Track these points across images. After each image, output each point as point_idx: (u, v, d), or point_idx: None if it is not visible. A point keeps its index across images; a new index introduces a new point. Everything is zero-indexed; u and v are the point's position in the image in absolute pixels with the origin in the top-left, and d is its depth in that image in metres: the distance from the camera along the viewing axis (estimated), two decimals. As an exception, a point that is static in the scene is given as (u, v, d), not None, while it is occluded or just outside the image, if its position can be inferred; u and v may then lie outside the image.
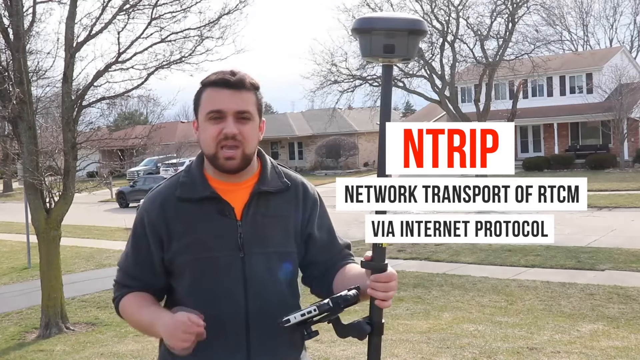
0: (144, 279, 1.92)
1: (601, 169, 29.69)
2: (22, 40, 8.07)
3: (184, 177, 1.92)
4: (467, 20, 24.77)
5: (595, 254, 11.13)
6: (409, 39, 1.65)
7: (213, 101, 1.83)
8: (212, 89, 1.85)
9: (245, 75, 1.85)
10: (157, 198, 1.92)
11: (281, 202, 1.94)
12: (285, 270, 1.93)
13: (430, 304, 8.46)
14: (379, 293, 1.72)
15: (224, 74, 1.85)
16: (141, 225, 1.91)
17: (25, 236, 14.36)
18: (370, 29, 1.65)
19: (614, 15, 54.92)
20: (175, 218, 1.86)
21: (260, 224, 1.89)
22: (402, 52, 1.65)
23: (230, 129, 1.81)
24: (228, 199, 1.87)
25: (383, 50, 1.65)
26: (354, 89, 25.55)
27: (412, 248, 12.97)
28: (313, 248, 1.98)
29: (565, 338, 6.42)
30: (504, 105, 28.27)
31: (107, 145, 11.52)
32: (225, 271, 1.84)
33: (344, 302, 1.73)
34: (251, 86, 1.86)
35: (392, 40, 1.63)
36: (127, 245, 1.96)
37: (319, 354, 5.94)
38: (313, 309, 1.70)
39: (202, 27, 9.08)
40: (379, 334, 1.74)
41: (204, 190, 1.87)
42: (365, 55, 1.69)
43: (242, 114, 1.83)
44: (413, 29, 1.66)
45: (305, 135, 44.05)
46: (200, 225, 1.86)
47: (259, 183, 1.91)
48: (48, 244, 8.48)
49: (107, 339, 7.81)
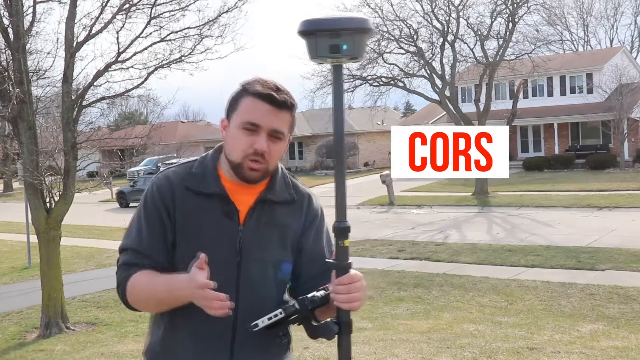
0: (156, 257, 1.86)
1: (601, 169, 29.68)
2: (22, 40, 8.07)
3: (197, 167, 1.91)
4: (467, 20, 24.77)
5: (595, 254, 11.12)
6: (354, 38, 1.64)
7: (252, 113, 1.81)
8: (255, 99, 1.82)
9: (288, 95, 1.85)
10: (169, 180, 1.90)
11: (285, 212, 1.93)
12: (284, 271, 1.92)
13: (431, 304, 8.45)
14: (341, 296, 1.68)
15: (269, 88, 1.82)
16: (152, 199, 1.88)
17: (25, 236, 14.36)
18: (315, 30, 1.64)
19: (614, 15, 54.88)
20: (182, 206, 1.86)
21: (261, 231, 1.88)
22: (349, 51, 1.64)
23: (261, 146, 1.80)
24: (235, 200, 1.87)
25: (329, 51, 1.64)
26: (354, 89, 25.55)
27: (412, 248, 12.97)
28: (302, 260, 1.96)
29: (565, 338, 6.42)
30: (504, 105, 28.24)
31: (107, 145, 11.53)
32: (219, 272, 1.80)
33: (311, 304, 1.71)
34: (291, 106, 1.86)
35: (337, 40, 1.63)
36: (136, 223, 1.91)
37: (319, 354, 5.94)
38: (279, 311, 1.69)
39: (201, 26, 9.07)
40: (347, 332, 1.73)
41: (215, 187, 1.87)
42: (312, 57, 1.67)
43: (276, 133, 1.83)
44: (358, 27, 1.64)
45: (305, 135, 44.04)
46: (203, 222, 1.85)
47: (266, 190, 1.91)
48: (48, 244, 8.47)
49: (107, 338, 7.81)
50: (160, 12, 8.79)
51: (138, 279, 1.84)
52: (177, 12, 8.86)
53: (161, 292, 1.80)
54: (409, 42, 24.55)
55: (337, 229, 1.69)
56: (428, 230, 15.93)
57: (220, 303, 1.65)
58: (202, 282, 1.65)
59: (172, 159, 35.95)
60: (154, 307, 1.89)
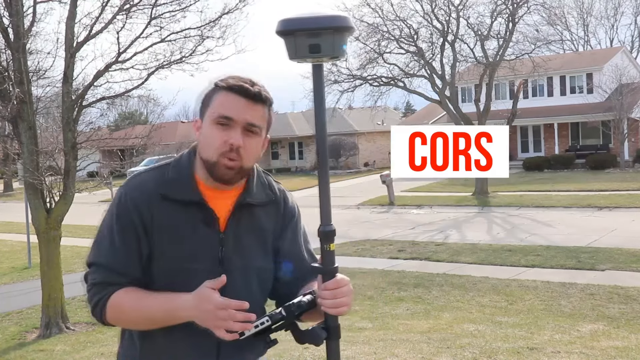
0: (134, 274, 1.75)
1: (601, 169, 29.68)
2: (22, 40, 8.07)
3: (172, 172, 1.81)
4: (467, 20, 24.78)
5: (595, 254, 11.12)
6: (334, 37, 1.59)
7: (226, 107, 1.74)
8: (228, 93, 1.75)
9: (263, 88, 1.79)
10: (142, 186, 1.79)
11: (263, 214, 1.87)
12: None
13: (431, 304, 8.45)
14: (327, 301, 1.64)
15: (243, 81, 1.76)
16: (126, 210, 1.75)
17: (25, 236, 14.37)
18: (294, 30, 1.59)
19: (614, 15, 54.92)
20: (158, 215, 1.75)
21: (242, 238, 1.82)
22: (328, 51, 1.59)
23: (236, 140, 1.73)
24: (213, 206, 1.78)
25: (309, 51, 1.59)
26: (354, 88, 25.56)
27: (412, 248, 12.97)
28: (279, 262, 1.91)
29: (565, 338, 6.42)
30: (504, 105, 28.25)
31: (107, 145, 11.51)
32: (201, 283, 1.71)
33: (298, 309, 1.67)
34: (267, 100, 1.79)
35: (317, 39, 1.58)
36: (107, 235, 1.77)
37: (319, 354, 5.94)
38: (266, 319, 1.65)
39: (202, 27, 9.08)
40: (335, 338, 1.69)
41: (192, 195, 1.77)
42: (291, 57, 1.62)
43: (251, 127, 1.75)
44: (338, 26, 1.59)
45: (305, 135, 44.03)
46: (182, 232, 1.76)
47: (245, 193, 1.83)
48: (48, 244, 8.48)
49: (107, 338, 7.81)
50: (161, 12, 8.80)
51: (123, 299, 1.74)
52: (178, 12, 8.88)
53: (157, 312, 1.71)
54: (409, 42, 24.55)
55: (322, 233, 1.64)
56: (428, 230, 15.93)
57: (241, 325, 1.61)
58: (222, 302, 1.61)
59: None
60: (144, 326, 1.78)
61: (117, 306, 1.74)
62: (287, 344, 5.64)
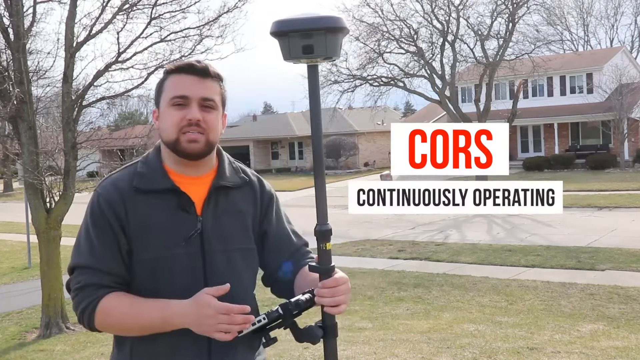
0: (118, 273, 1.75)
1: (601, 169, 29.69)
2: (22, 40, 8.07)
3: (141, 167, 1.83)
4: (467, 20, 24.80)
5: (595, 254, 11.12)
6: (327, 38, 1.61)
7: (177, 87, 1.78)
8: (177, 75, 1.80)
9: (210, 64, 1.83)
10: (114, 185, 1.80)
11: (240, 197, 1.88)
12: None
13: (431, 304, 8.45)
14: (325, 299, 1.65)
15: (189, 61, 1.82)
16: (100, 210, 1.76)
17: (25, 236, 14.36)
18: (287, 31, 1.61)
19: (615, 15, 54.95)
20: (133, 209, 1.76)
21: (221, 220, 1.82)
22: (321, 51, 1.61)
23: (194, 115, 1.75)
24: (188, 192, 1.80)
25: (302, 52, 1.61)
26: (354, 89, 25.57)
27: (412, 248, 12.97)
28: (269, 245, 1.92)
29: (565, 338, 6.42)
30: (504, 105, 28.26)
31: (107, 145, 11.53)
32: (184, 270, 1.75)
33: (296, 308, 1.67)
34: (216, 75, 1.83)
35: (309, 40, 1.60)
36: (84, 239, 1.78)
37: (319, 354, 5.93)
38: (262, 317, 1.66)
39: (201, 26, 9.08)
40: (333, 336, 1.70)
41: (164, 183, 1.79)
42: (285, 58, 1.65)
43: (206, 102, 1.79)
44: (330, 27, 1.61)
45: (305, 135, 44.01)
46: (158, 220, 1.76)
47: (217, 178, 1.85)
48: (48, 244, 8.47)
49: (108, 338, 7.80)
50: (161, 12, 8.80)
51: (113, 304, 1.72)
52: (178, 12, 8.88)
53: (151, 319, 1.70)
54: (409, 42, 24.56)
55: (319, 232, 1.65)
56: (428, 230, 15.93)
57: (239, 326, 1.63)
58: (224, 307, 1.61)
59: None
60: (135, 333, 1.75)
61: (107, 312, 1.72)
62: (287, 344, 5.64)
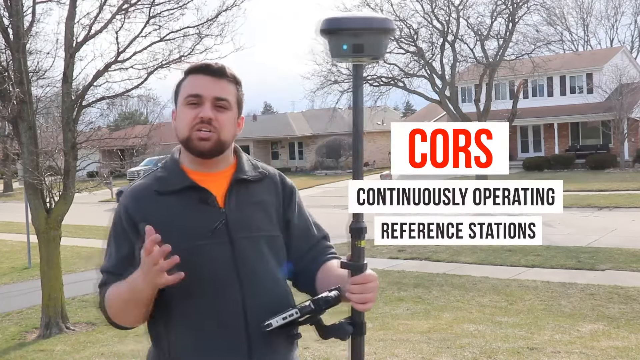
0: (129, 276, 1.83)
1: (601, 169, 29.68)
2: (22, 40, 8.07)
3: (160, 172, 1.90)
4: (467, 20, 24.78)
5: (595, 254, 11.12)
6: (377, 38, 1.65)
7: (193, 86, 1.83)
8: (193, 75, 1.85)
9: (228, 67, 1.85)
10: (134, 193, 1.88)
11: (260, 189, 1.92)
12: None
13: (431, 304, 8.45)
14: (355, 296, 1.67)
15: (207, 62, 1.87)
16: (119, 221, 1.86)
17: (25, 236, 14.35)
18: (339, 29, 1.64)
19: (614, 15, 54.93)
20: (155, 211, 1.81)
21: (244, 210, 1.86)
22: (371, 51, 1.65)
23: (206, 113, 1.79)
24: (207, 187, 1.84)
25: (352, 50, 1.64)
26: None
27: (412, 248, 12.96)
28: (292, 236, 1.95)
29: (565, 338, 6.42)
30: (504, 105, 28.25)
31: (107, 145, 11.52)
32: (214, 260, 1.79)
33: (325, 304, 1.70)
34: (232, 77, 1.86)
35: (360, 39, 1.63)
36: (108, 247, 1.90)
37: (319, 354, 5.94)
38: (295, 311, 1.68)
39: (200, 25, 9.08)
40: (360, 334, 1.72)
41: (183, 181, 1.84)
42: (334, 55, 1.68)
43: (220, 101, 1.82)
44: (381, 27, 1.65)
45: (305, 135, 44.05)
46: (181, 215, 1.80)
47: (237, 172, 1.90)
48: (48, 244, 8.47)
49: (108, 338, 7.81)
50: (159, 11, 8.80)
51: (109, 292, 1.82)
52: (176, 10, 8.87)
53: (125, 292, 1.75)
54: (409, 42, 24.55)
55: (354, 229, 1.69)
56: (428, 230, 15.92)
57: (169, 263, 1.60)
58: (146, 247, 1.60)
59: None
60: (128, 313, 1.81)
61: (107, 300, 1.83)
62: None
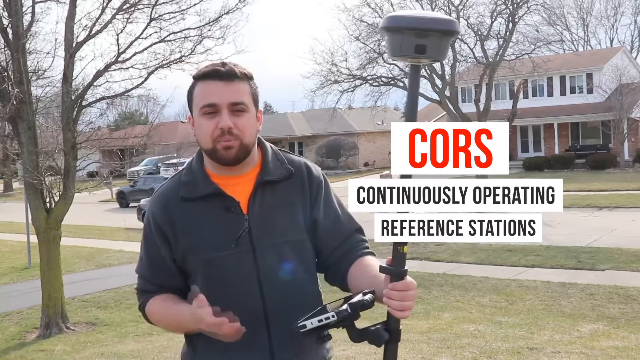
0: (161, 282, 1.91)
1: (601, 169, 29.68)
2: (21, 40, 8.06)
3: (185, 176, 1.88)
4: (467, 20, 24.77)
5: (595, 254, 11.12)
6: (441, 40, 1.59)
7: (205, 95, 1.78)
8: (204, 81, 1.80)
9: (236, 65, 1.81)
10: (160, 199, 1.89)
11: (286, 189, 1.88)
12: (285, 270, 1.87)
13: (431, 304, 8.45)
14: (394, 302, 1.65)
15: (214, 65, 1.81)
16: (148, 227, 1.89)
17: (25, 236, 14.36)
18: (402, 28, 1.57)
19: (614, 15, 54.89)
20: (180, 218, 1.83)
21: (268, 214, 1.83)
22: (433, 53, 1.59)
23: (225, 123, 1.76)
24: (232, 193, 1.82)
25: (414, 51, 1.58)
26: (354, 89, 25.57)
27: (412, 248, 12.96)
28: (321, 232, 1.90)
29: (565, 338, 6.41)
30: (504, 105, 28.25)
31: (107, 145, 11.50)
32: (236, 269, 1.79)
33: (362, 308, 1.68)
34: (243, 76, 1.81)
35: (424, 40, 1.57)
36: (141, 249, 1.95)
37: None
38: (331, 314, 1.63)
39: (201, 27, 9.08)
40: (396, 341, 1.69)
41: (207, 187, 1.83)
42: (394, 54, 1.61)
43: (236, 106, 1.78)
44: (447, 29, 1.59)
45: (305, 135, 44.06)
46: (206, 224, 1.81)
47: (262, 173, 1.86)
48: (48, 244, 8.47)
49: (108, 338, 7.81)
50: (161, 13, 8.80)
51: (153, 308, 1.92)
52: (177, 14, 8.88)
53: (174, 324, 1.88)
54: (409, 42, 24.52)
55: None
56: (428, 230, 15.91)
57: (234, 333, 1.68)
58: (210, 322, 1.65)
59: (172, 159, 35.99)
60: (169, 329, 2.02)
61: (150, 313, 1.94)
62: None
